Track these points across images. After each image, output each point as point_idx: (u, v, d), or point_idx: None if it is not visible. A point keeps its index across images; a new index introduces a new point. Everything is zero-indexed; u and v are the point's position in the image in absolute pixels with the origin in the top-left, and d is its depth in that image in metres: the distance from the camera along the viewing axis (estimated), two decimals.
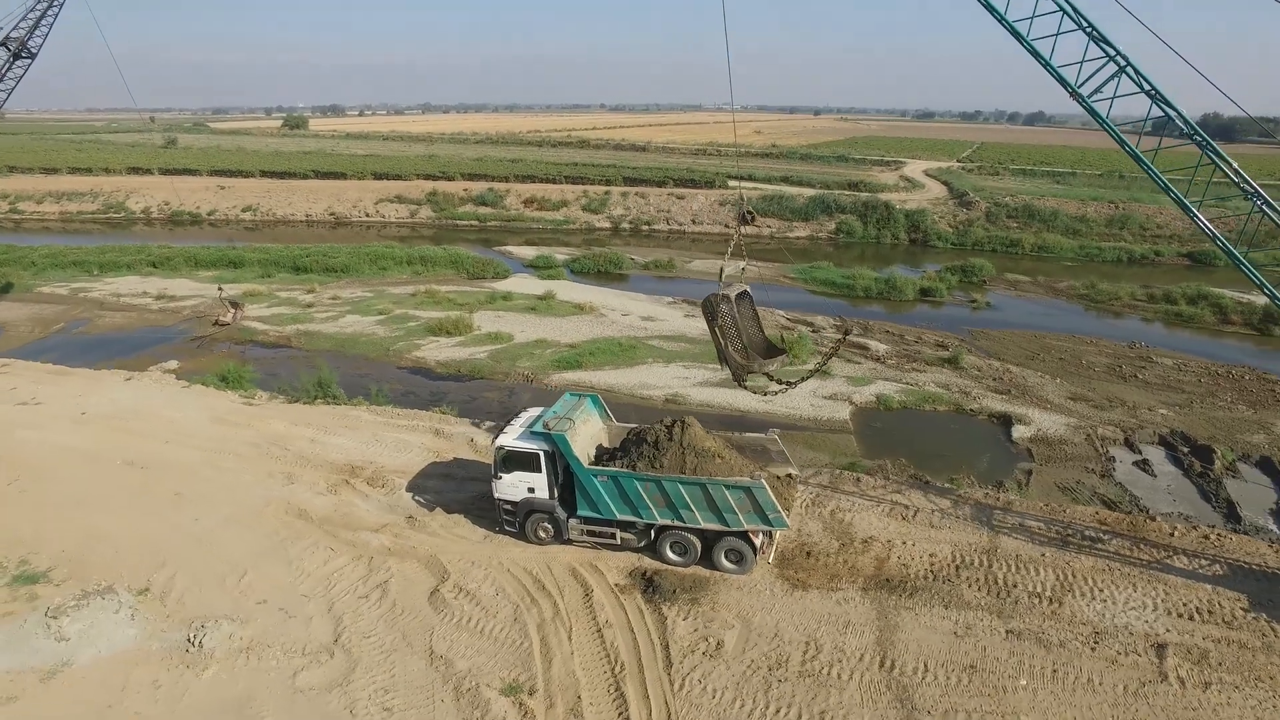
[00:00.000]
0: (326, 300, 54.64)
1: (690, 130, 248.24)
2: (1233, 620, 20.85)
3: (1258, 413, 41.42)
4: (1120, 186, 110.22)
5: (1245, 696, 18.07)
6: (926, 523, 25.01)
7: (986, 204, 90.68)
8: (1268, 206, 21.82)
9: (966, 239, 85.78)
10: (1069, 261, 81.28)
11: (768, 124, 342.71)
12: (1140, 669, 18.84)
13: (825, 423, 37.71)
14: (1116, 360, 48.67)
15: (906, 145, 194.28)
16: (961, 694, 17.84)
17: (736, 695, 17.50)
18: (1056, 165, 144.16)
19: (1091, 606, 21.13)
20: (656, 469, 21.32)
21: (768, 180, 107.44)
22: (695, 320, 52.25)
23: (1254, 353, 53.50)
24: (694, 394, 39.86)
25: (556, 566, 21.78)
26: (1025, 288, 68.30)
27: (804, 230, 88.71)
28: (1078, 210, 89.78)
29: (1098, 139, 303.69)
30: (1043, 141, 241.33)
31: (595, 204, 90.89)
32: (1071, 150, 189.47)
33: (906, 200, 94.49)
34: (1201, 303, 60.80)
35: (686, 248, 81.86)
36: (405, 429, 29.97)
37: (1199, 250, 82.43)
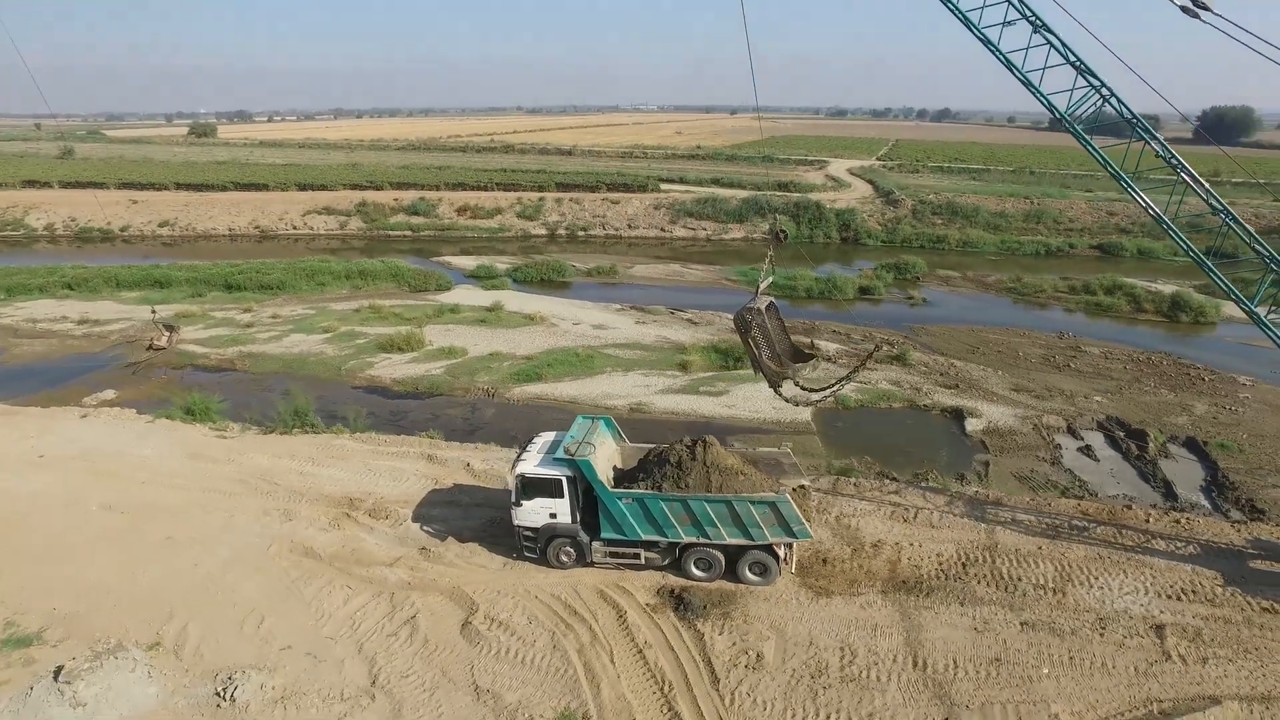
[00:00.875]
0: (266, 319, 52.84)
1: (613, 133, 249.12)
2: (1214, 598, 22.51)
3: (1178, 396, 44.23)
4: (1032, 182, 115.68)
5: (1238, 668, 19.64)
6: (927, 523, 25.97)
7: (912, 202, 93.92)
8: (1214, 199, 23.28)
9: (895, 236, 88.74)
10: (992, 255, 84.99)
11: (688, 124, 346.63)
12: (1145, 650, 20.18)
13: (789, 425, 38.52)
14: (1049, 351, 51.26)
15: (826, 144, 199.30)
16: (993, 686, 18.77)
17: (786, 705, 17.96)
18: (969, 162, 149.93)
19: (1091, 594, 22.44)
20: (682, 489, 21.60)
21: (698, 182, 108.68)
22: (646, 327, 52.83)
23: (1166, 338, 57.03)
24: (657, 401, 40.17)
25: (584, 590, 21.77)
26: (956, 283, 71.13)
27: (738, 232, 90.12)
28: (996, 206, 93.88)
29: (1001, 134, 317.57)
30: (951, 138, 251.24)
31: (530, 211, 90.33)
32: (980, 146, 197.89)
33: (836, 200, 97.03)
34: (1117, 293, 64.44)
35: (624, 253, 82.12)
36: (396, 456, 29.16)
37: (1107, 242, 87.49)
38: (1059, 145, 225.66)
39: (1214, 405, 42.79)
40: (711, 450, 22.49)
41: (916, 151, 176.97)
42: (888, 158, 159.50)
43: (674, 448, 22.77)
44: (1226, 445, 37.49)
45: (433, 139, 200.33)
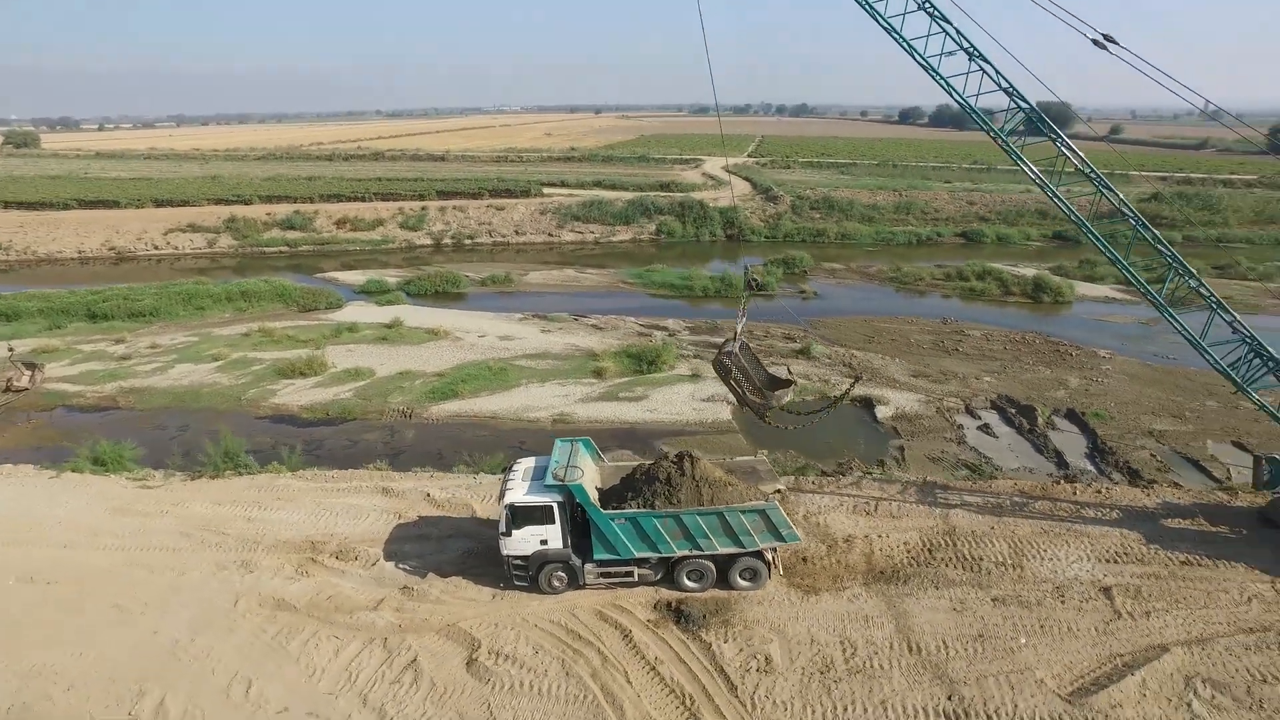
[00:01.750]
0: (144, 350, 49.03)
1: (483, 136, 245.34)
2: (1143, 557, 24.95)
3: (1054, 371, 48.12)
4: (896, 175, 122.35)
5: (1175, 617, 21.98)
6: (888, 514, 27.30)
7: (790, 198, 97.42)
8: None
9: (778, 232, 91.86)
10: (869, 247, 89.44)
11: (555, 125, 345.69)
12: (1100, 611, 22.21)
13: (712, 425, 39.31)
14: (937, 336, 54.57)
15: (697, 142, 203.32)
16: (982, 661, 20.18)
17: (804, 703, 18.59)
18: (836, 157, 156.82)
19: (1045, 566, 24.38)
20: (674, 504, 21.86)
21: (580, 185, 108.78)
22: (553, 335, 52.54)
23: (1033, 318, 61.81)
24: (579, 411, 40.09)
25: (582, 613, 21.58)
26: (842, 275, 74.42)
27: (626, 234, 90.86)
28: (869, 199, 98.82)
29: (857, 128, 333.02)
30: (812, 133, 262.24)
31: (413, 221, 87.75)
32: (842, 141, 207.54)
33: (718, 198, 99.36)
34: (987, 278, 69.21)
35: (513, 260, 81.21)
36: (349, 492, 27.51)
37: (970, 230, 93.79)
38: (912, 138, 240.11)
39: (1084, 378, 46.84)
40: (700, 465, 22.94)
41: (784, 147, 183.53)
42: (758, 154, 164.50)
43: (660, 465, 22.98)
44: (1100, 414, 41.13)
45: (293, 147, 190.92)
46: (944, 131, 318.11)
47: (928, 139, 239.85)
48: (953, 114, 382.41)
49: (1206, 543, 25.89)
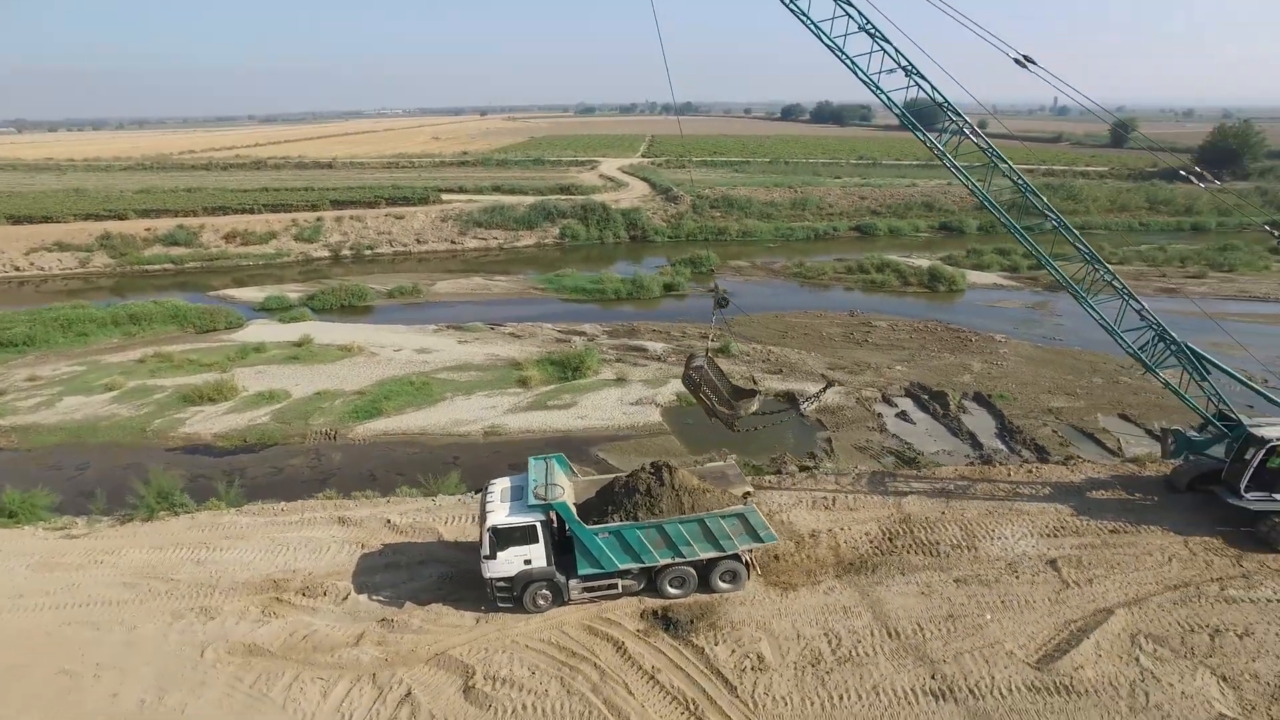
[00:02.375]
0: (22, 383, 45.13)
1: (367, 141, 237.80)
2: (1077, 529, 26.97)
3: (957, 357, 50.83)
4: (789, 172, 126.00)
5: (1113, 581, 23.97)
6: (845, 507, 28.28)
7: (691, 197, 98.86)
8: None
9: (680, 231, 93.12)
10: (770, 243, 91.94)
11: (442, 128, 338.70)
12: (1050, 583, 23.90)
13: (643, 428, 39.55)
14: (847, 329, 56.66)
15: (590, 144, 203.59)
16: (956, 639, 21.36)
17: (803, 697, 19.17)
18: (728, 155, 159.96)
19: (995, 545, 25.98)
20: (656, 514, 22.03)
21: (479, 191, 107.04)
22: (471, 346, 51.64)
23: (932, 307, 65.05)
24: (510, 422, 39.59)
25: (571, 630, 21.43)
26: (748, 272, 76.16)
27: (530, 238, 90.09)
28: (766, 197, 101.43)
29: (742, 125, 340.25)
30: (700, 130, 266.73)
31: (308, 232, 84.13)
32: (731, 139, 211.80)
33: (619, 200, 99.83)
34: (886, 270, 72.38)
35: (416, 269, 79.10)
36: (302, 525, 25.94)
37: (863, 223, 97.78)
38: (797, 134, 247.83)
39: (985, 362, 49.68)
40: (678, 474, 23.19)
41: (675, 146, 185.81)
42: (651, 154, 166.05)
43: (639, 476, 23.05)
44: (1004, 395, 43.75)
45: (163, 156, 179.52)
46: (825, 128, 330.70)
47: (811, 135, 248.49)
48: (832, 110, 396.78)
49: (1127, 511, 28.27)
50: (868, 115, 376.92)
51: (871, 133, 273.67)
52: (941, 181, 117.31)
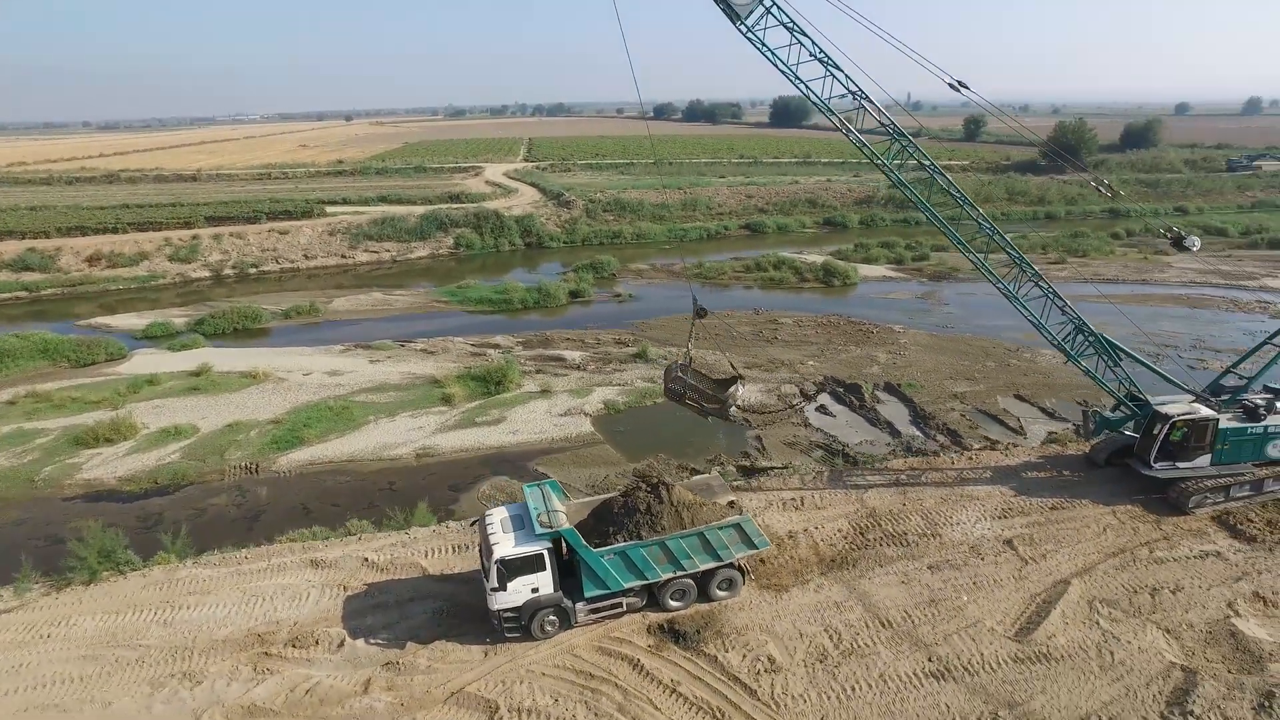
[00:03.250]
0: None
1: (228, 150, 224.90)
2: (1023, 509, 29.17)
3: (863, 349, 53.40)
4: (673, 173, 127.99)
5: (1063, 554, 26.18)
6: (814, 505, 29.31)
7: (583, 202, 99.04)
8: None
9: (575, 236, 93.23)
10: (664, 244, 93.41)
11: (307, 135, 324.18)
12: (1011, 561, 25.81)
13: (577, 439, 39.58)
14: (755, 327, 58.40)
15: (469, 149, 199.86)
16: (942, 622, 22.76)
17: (819, 692, 19.97)
18: (610, 157, 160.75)
19: (956, 531, 27.74)
20: (658, 531, 22.35)
21: (364, 202, 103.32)
22: (384, 365, 50.16)
23: (830, 301, 67.94)
24: (441, 442, 38.78)
25: (583, 652, 21.37)
26: (649, 275, 77.07)
27: (424, 249, 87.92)
28: (657, 198, 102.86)
29: (617, 125, 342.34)
30: (577, 132, 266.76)
31: (184, 252, 78.83)
32: (611, 140, 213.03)
33: (511, 207, 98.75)
34: (783, 267, 74.96)
35: (306, 285, 75.76)
36: (273, 571, 24.06)
37: (752, 222, 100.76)
38: (674, 134, 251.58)
39: (889, 353, 52.43)
40: (675, 490, 23.53)
41: (556, 149, 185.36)
42: (535, 158, 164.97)
43: (636, 495, 23.21)
44: (912, 384, 46.33)
45: None
46: (698, 126, 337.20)
47: (688, 134, 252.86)
48: (704, 109, 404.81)
49: (1060, 488, 30.93)
50: (738, 113, 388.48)
51: (745, 130, 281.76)
52: (822, 179, 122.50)
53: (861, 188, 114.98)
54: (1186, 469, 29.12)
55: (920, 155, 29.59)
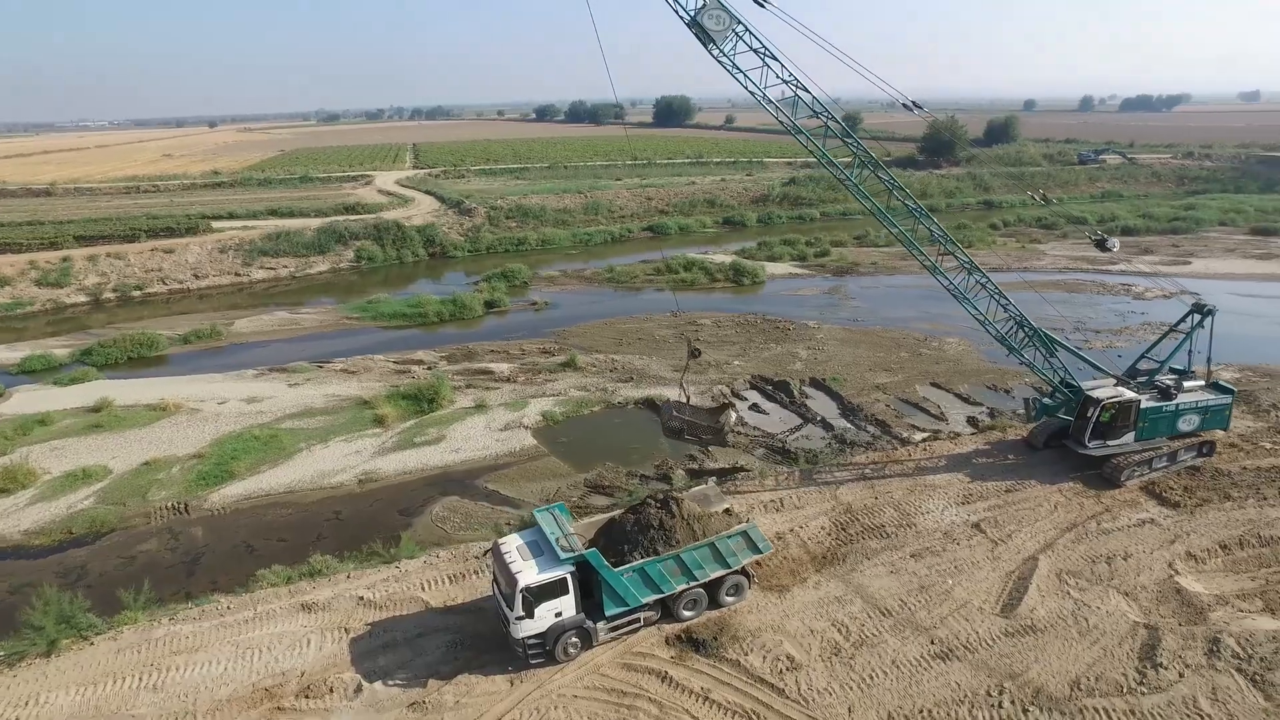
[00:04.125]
0: None
1: (80, 161, 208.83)
2: (981, 493, 31.22)
3: (783, 346, 55.26)
4: (570, 176, 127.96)
5: (1026, 533, 28.41)
6: (793, 506, 30.26)
7: (485, 209, 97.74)
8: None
9: (480, 245, 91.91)
10: (570, 249, 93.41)
11: (168, 143, 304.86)
12: (983, 544, 27.69)
13: (521, 453, 39.38)
14: (676, 330, 59.31)
15: (350, 156, 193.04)
16: (935, 606, 24.31)
17: (841, 684, 21.06)
18: (503, 161, 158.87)
19: (928, 519, 29.40)
20: (672, 545, 22.78)
21: (252, 215, 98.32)
22: (304, 388, 48.34)
23: (742, 300, 69.73)
24: (382, 466, 37.82)
25: (609, 670, 21.46)
26: (562, 281, 76.88)
27: (323, 264, 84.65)
28: (558, 204, 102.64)
29: (502, 128, 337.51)
30: (460, 136, 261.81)
31: (54, 275, 72.84)
32: (499, 144, 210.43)
33: (410, 216, 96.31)
34: (694, 269, 76.37)
35: (198, 307, 71.68)
36: (261, 620, 22.33)
37: (654, 223, 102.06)
38: (562, 136, 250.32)
39: (809, 348, 54.49)
40: (685, 504, 23.99)
41: (445, 155, 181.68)
42: (425, 165, 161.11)
43: (647, 512, 23.49)
44: (836, 379, 48.35)
45: None
46: (582, 127, 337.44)
47: (575, 136, 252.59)
48: (588, 110, 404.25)
49: (1009, 471, 33.27)
50: (621, 113, 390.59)
51: (630, 130, 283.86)
52: (717, 178, 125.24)
53: (757, 187, 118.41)
54: (1116, 446, 32.10)
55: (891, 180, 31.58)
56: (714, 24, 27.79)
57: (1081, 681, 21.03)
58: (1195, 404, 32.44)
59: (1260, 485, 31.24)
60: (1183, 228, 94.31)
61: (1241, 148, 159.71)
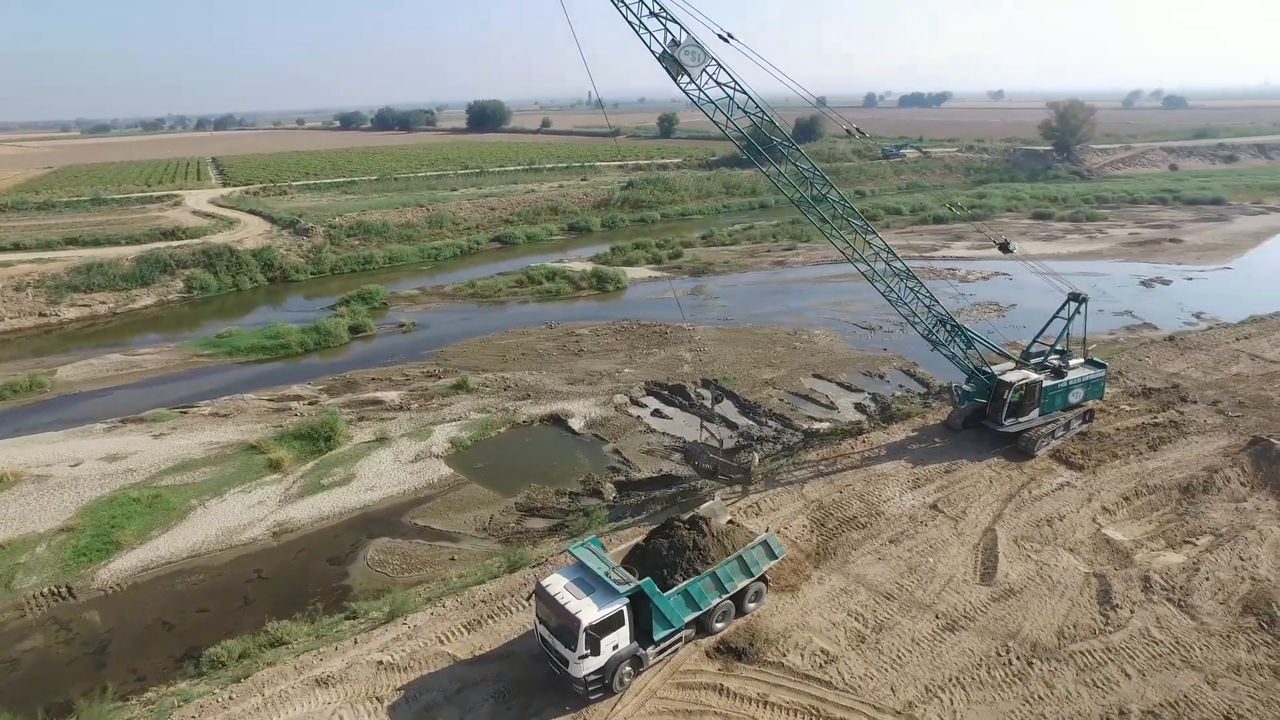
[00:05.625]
0: None
1: None
2: (928, 476, 33.97)
3: (666, 350, 56.85)
4: (404, 189, 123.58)
5: (977, 507, 31.48)
6: (769, 509, 31.35)
7: (323, 228, 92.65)
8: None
9: (323, 266, 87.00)
10: (420, 266, 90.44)
11: None
12: (945, 522, 30.41)
13: (440, 484, 38.43)
14: (556, 342, 59.36)
15: (138, 172, 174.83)
16: (928, 584, 26.62)
17: (877, 668, 22.86)
18: (326, 176, 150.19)
19: (891, 505, 31.70)
20: (708, 563, 23.42)
21: (47, 246, 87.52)
22: (173, 439, 44.51)
23: (610, 307, 70.92)
24: (295, 514, 35.58)
25: (666, 693, 21.79)
26: (423, 300, 74.32)
27: (148, 297, 76.87)
28: (399, 218, 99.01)
29: (306, 138, 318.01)
30: (265, 149, 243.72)
31: None
32: (317, 156, 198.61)
33: (240, 240, 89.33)
34: (556, 278, 76.46)
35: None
36: (273, 704, 19.31)
37: (502, 234, 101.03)
38: (379, 145, 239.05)
39: (691, 350, 56.45)
40: (713, 522, 24.72)
41: (257, 170, 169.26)
42: (238, 181, 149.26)
43: (677, 534, 23.99)
44: (726, 378, 50.53)
45: None
46: (393, 135, 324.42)
47: (392, 145, 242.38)
48: (396, 117, 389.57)
49: (941, 454, 36.33)
50: (433, 120, 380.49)
51: (447, 137, 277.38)
52: (555, 184, 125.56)
53: (596, 192, 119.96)
54: (1026, 422, 36.28)
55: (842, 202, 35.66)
56: (690, 60, 29.69)
57: (1064, 630, 24.20)
58: (1081, 379, 37.48)
59: (1134, 442, 36.69)
60: (981, 215, 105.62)
61: (1006, 141, 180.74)
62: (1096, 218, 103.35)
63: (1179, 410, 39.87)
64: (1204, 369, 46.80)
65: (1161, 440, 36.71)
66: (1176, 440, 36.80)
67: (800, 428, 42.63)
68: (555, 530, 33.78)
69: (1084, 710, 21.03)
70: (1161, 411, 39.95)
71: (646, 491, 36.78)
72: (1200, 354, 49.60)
